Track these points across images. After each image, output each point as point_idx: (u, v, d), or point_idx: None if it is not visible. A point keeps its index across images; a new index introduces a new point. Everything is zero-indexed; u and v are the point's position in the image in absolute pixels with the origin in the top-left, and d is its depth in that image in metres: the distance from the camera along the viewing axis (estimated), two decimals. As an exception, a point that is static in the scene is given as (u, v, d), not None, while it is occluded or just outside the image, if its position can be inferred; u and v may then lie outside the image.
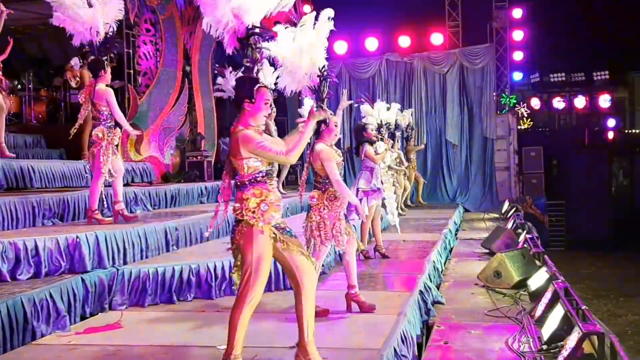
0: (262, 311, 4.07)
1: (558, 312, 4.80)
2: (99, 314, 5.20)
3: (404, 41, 17.25)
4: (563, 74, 24.10)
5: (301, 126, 3.83)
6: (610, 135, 21.41)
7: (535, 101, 22.23)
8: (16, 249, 4.98)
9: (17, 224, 6.02)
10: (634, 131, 24.31)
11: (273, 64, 4.84)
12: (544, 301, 5.38)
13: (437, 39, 17.18)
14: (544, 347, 4.60)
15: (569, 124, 24.16)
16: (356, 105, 9.72)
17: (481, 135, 16.97)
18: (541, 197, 16.95)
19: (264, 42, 3.91)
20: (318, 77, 4.74)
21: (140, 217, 7.11)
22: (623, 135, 23.07)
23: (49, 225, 6.35)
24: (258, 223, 3.47)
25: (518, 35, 17.04)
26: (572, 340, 4.13)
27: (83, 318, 5.05)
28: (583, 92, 23.63)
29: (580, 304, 4.87)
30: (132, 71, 10.71)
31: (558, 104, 23.26)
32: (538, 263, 7.34)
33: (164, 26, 11.32)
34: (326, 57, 4.73)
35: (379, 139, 8.74)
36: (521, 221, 10.49)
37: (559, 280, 5.59)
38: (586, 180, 18.73)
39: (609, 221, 18.84)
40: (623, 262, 16.31)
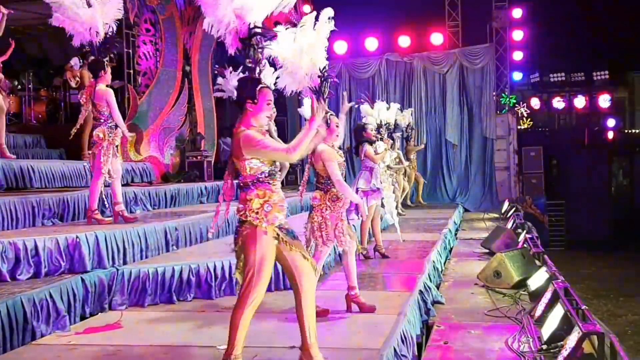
0: (262, 311, 4.06)
1: (558, 312, 4.80)
2: (99, 314, 5.20)
3: (404, 41, 17.25)
4: (563, 74, 24.11)
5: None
6: (610, 135, 21.42)
7: (535, 101, 22.25)
8: (16, 249, 4.98)
9: (17, 224, 6.01)
10: (633, 131, 24.31)
11: (273, 65, 4.83)
12: (543, 301, 5.38)
13: (437, 38, 17.18)
14: (544, 347, 4.60)
15: (568, 124, 24.18)
16: (356, 106, 9.70)
17: (481, 135, 16.95)
18: (541, 197, 16.94)
19: (266, 42, 3.89)
20: (319, 77, 4.73)
21: (140, 217, 7.11)
22: (623, 135, 23.07)
23: (49, 225, 6.34)
24: (261, 224, 3.46)
25: (518, 35, 17.04)
26: (572, 340, 4.13)
27: (83, 318, 5.05)
28: (583, 92, 23.65)
29: (580, 304, 4.87)
30: (132, 71, 10.72)
31: (558, 103, 23.28)
32: (538, 263, 7.33)
33: (164, 26, 11.33)
34: (326, 57, 4.73)
35: (378, 138, 8.74)
36: (521, 221, 10.48)
37: (559, 280, 5.59)
38: (586, 180, 18.72)
39: (609, 221, 18.84)
40: (623, 262, 16.30)
